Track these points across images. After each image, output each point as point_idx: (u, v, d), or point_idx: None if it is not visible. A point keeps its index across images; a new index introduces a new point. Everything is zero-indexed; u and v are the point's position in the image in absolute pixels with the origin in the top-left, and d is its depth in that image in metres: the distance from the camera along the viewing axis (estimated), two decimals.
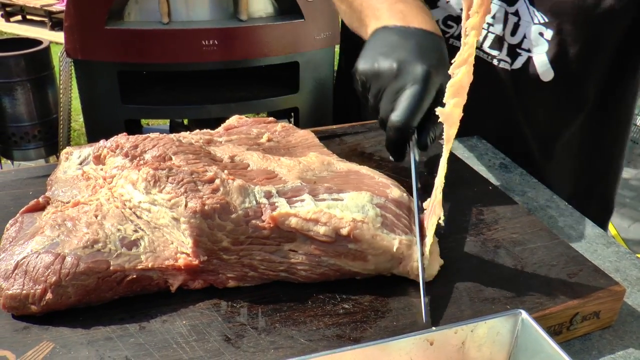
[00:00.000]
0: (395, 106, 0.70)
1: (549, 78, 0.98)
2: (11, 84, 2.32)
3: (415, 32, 0.76)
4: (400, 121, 0.69)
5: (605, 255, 0.76)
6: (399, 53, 0.73)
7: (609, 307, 0.63)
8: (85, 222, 0.62)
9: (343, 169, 0.74)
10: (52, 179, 0.74)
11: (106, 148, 0.72)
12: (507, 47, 1.00)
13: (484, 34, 1.02)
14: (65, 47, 2.04)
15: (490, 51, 1.02)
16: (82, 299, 0.57)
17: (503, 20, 0.99)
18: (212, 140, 0.78)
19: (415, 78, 0.70)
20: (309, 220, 0.61)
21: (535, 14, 0.95)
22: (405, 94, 0.70)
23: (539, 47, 0.96)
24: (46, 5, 5.57)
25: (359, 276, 0.63)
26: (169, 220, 0.62)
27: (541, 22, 0.95)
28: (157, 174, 0.64)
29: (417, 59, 0.72)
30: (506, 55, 1.01)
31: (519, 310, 0.53)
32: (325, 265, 0.62)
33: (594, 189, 1.15)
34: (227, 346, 0.53)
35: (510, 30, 0.99)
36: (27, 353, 0.51)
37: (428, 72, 0.70)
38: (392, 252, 0.62)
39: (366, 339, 0.55)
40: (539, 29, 0.95)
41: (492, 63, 1.03)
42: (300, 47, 2.04)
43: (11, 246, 0.60)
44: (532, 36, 0.96)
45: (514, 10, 0.97)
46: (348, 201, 0.64)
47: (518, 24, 0.97)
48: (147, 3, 2.06)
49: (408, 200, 0.69)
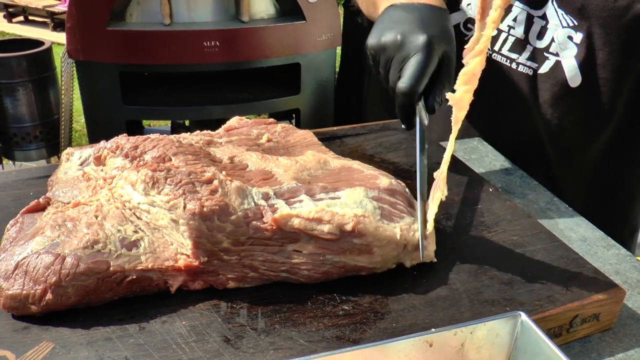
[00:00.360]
0: (401, 74, 0.76)
1: (576, 83, 0.96)
2: (13, 85, 2.33)
3: (419, 7, 0.82)
4: (407, 87, 0.74)
5: (605, 257, 0.76)
6: (402, 26, 0.79)
7: (609, 309, 0.63)
8: (86, 222, 0.62)
9: (337, 166, 0.75)
10: (53, 180, 0.74)
11: (106, 149, 0.72)
12: (531, 50, 0.99)
13: (503, 37, 1.02)
14: (67, 48, 2.05)
15: (509, 54, 1.02)
16: (82, 300, 0.57)
17: (525, 24, 0.99)
18: (212, 141, 0.78)
19: (417, 47, 0.76)
20: (312, 220, 0.62)
21: (564, 17, 0.94)
22: (409, 62, 0.76)
23: (568, 50, 0.95)
24: (48, 6, 5.58)
25: (364, 271, 0.63)
26: (168, 221, 0.62)
27: (570, 25, 0.94)
28: (156, 176, 0.64)
29: (419, 30, 0.77)
30: (527, 59, 1.00)
31: (518, 312, 0.53)
32: (330, 263, 0.62)
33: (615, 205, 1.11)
34: (227, 347, 0.53)
35: (536, 33, 0.98)
36: (27, 353, 0.51)
37: (430, 41, 0.76)
38: (396, 240, 0.63)
39: (365, 340, 0.55)
40: (567, 32, 0.94)
41: (511, 67, 1.02)
42: (302, 48, 2.04)
43: (11, 246, 0.60)
44: (561, 39, 0.95)
45: (542, 14, 0.96)
46: (345, 198, 0.65)
47: (545, 28, 0.96)
48: (148, 4, 2.06)
49: (397, 185, 0.71)
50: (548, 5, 0.95)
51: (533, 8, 0.97)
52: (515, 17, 0.99)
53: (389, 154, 0.92)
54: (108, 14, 1.99)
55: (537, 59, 0.99)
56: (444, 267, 0.66)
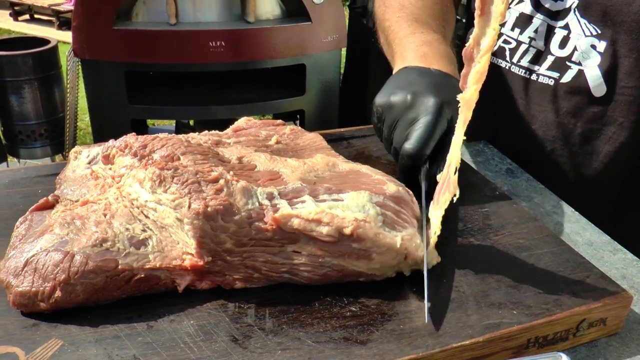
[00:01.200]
0: (408, 135, 0.76)
1: (601, 93, 0.95)
2: (19, 83, 2.33)
3: (434, 72, 0.82)
4: (414, 149, 0.74)
5: (612, 262, 0.76)
6: (414, 87, 0.78)
7: (616, 314, 0.63)
8: (94, 221, 0.62)
9: (345, 169, 0.75)
10: (61, 178, 0.75)
11: (115, 147, 0.73)
12: (553, 60, 0.98)
13: (524, 48, 1.02)
14: (73, 46, 2.05)
15: (529, 65, 1.01)
16: (91, 298, 0.57)
17: (545, 35, 0.98)
18: (221, 142, 0.78)
19: (427, 109, 0.75)
20: (311, 221, 0.61)
21: (587, 25, 0.93)
22: (418, 123, 0.75)
23: (591, 59, 0.94)
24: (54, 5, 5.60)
25: (362, 277, 0.63)
26: (174, 220, 0.62)
27: (593, 34, 0.93)
28: (163, 174, 0.64)
29: (430, 93, 0.77)
30: (547, 69, 0.99)
31: (559, 353, 0.53)
32: (328, 265, 0.62)
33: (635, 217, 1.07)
34: (235, 347, 0.54)
35: (557, 43, 0.97)
36: (36, 350, 0.52)
37: (440, 104, 0.76)
38: (397, 249, 0.62)
39: (373, 341, 0.55)
40: (591, 41, 0.93)
41: (530, 78, 1.01)
42: (307, 49, 2.05)
43: (21, 244, 0.60)
44: (584, 48, 0.94)
45: (564, 24, 0.96)
46: (348, 201, 0.64)
47: (568, 37, 0.96)
48: (154, 4, 2.07)
49: (405, 193, 0.70)
50: (570, 16, 0.95)
51: (554, 19, 0.97)
52: (536, 28, 0.99)
53: None
54: (114, 13, 2.00)
55: (558, 69, 0.98)
56: (451, 269, 0.66)
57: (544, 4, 0.98)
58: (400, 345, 0.55)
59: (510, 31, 1.03)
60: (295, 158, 0.75)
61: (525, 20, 1.01)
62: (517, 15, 1.02)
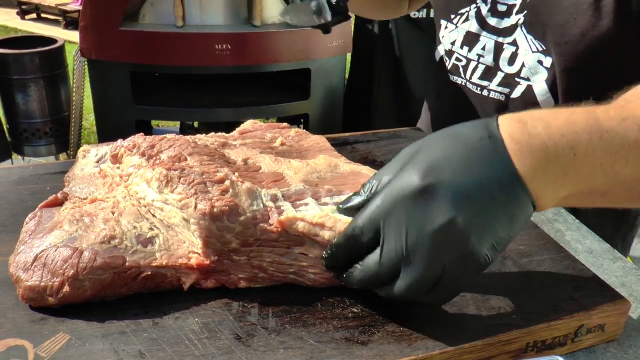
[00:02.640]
0: None
1: (549, 107, 0.97)
2: (25, 81, 2.35)
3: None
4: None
5: (611, 270, 0.77)
6: None
7: (614, 320, 0.64)
8: (103, 218, 0.63)
9: (346, 170, 0.76)
10: (70, 176, 0.76)
11: (123, 147, 0.74)
12: (502, 76, 1.00)
13: (473, 65, 1.04)
14: (80, 46, 2.07)
15: (480, 82, 1.03)
16: (98, 293, 0.58)
17: (494, 51, 1.00)
18: (227, 143, 0.79)
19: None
20: (315, 225, 0.62)
21: (533, 42, 0.95)
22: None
23: (538, 75, 0.96)
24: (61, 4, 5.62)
25: None
26: (180, 220, 0.63)
27: (539, 50, 0.95)
28: (170, 174, 0.65)
29: None
30: (498, 85, 1.01)
31: (557, 358, 0.55)
32: None
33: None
34: (238, 344, 0.55)
35: (506, 60, 0.99)
36: (44, 343, 0.53)
37: None
38: None
39: (373, 342, 0.56)
40: (537, 57, 0.95)
41: (482, 94, 1.04)
42: (313, 54, 2.06)
43: (30, 239, 0.61)
44: (531, 64, 0.96)
45: (512, 40, 0.98)
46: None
47: (516, 53, 0.98)
48: (162, 6, 2.09)
49: None
50: (517, 32, 0.97)
51: (502, 36, 0.99)
52: (484, 46, 1.01)
53: None
54: (121, 14, 2.02)
55: (508, 85, 1.00)
56: None
57: (489, 22, 1.00)
58: (400, 347, 0.56)
59: (460, 49, 1.06)
60: (299, 159, 0.76)
61: (473, 38, 1.03)
62: (464, 34, 1.04)
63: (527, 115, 0.56)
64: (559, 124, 0.54)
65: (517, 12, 0.96)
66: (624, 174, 0.55)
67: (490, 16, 0.99)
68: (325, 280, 0.63)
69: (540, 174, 0.53)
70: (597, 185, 0.56)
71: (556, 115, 0.55)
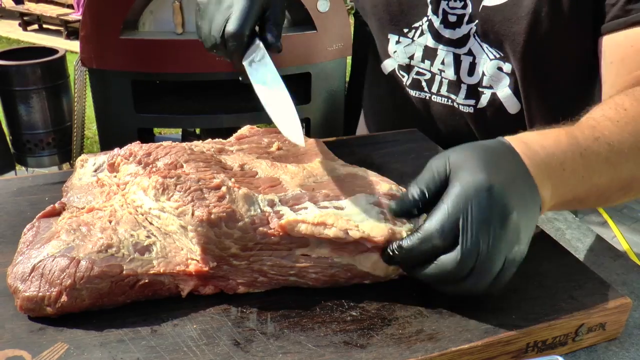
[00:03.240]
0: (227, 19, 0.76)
1: (516, 110, 0.98)
2: (27, 92, 2.36)
3: None
4: (234, 28, 0.76)
5: (612, 268, 0.76)
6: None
7: (615, 319, 0.64)
8: (100, 227, 0.63)
9: (342, 173, 0.76)
10: (68, 186, 0.76)
11: (120, 156, 0.74)
12: (466, 89, 1.00)
13: (438, 80, 1.03)
14: (81, 56, 2.08)
15: (448, 94, 1.03)
16: (96, 302, 0.58)
17: (454, 64, 1.00)
18: (224, 149, 0.79)
19: None
20: (317, 225, 0.63)
21: (489, 50, 0.96)
22: (233, 6, 0.76)
23: (501, 82, 0.96)
24: (62, 15, 5.66)
25: (368, 279, 0.64)
26: (177, 227, 0.63)
27: (497, 57, 0.95)
28: (166, 182, 0.66)
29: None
30: (464, 98, 1.01)
31: (558, 357, 0.56)
32: (337, 266, 0.63)
33: None
34: (237, 350, 0.54)
35: (466, 70, 0.99)
36: (42, 353, 0.53)
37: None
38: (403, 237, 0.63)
39: (372, 345, 0.56)
40: (497, 64, 0.96)
41: (453, 106, 1.03)
42: (313, 58, 2.06)
43: (28, 250, 0.61)
44: (491, 72, 0.96)
45: (467, 51, 0.98)
46: (349, 208, 0.65)
47: (474, 63, 0.98)
48: (161, 14, 2.09)
49: (398, 190, 0.71)
50: (471, 41, 0.96)
51: (457, 47, 0.98)
52: (443, 59, 1.01)
53: (396, 163, 0.93)
54: (121, 23, 2.02)
55: (473, 96, 1.00)
56: None
57: (443, 35, 0.99)
58: (399, 349, 0.55)
59: (422, 63, 1.05)
60: (295, 164, 0.76)
61: (431, 52, 1.02)
62: (423, 48, 1.03)
63: (525, 136, 0.65)
64: (550, 143, 0.64)
65: (468, 22, 0.96)
66: (598, 184, 0.66)
67: (443, 28, 0.99)
68: (328, 279, 0.63)
69: (544, 185, 0.61)
70: (578, 194, 0.66)
71: (545, 136, 0.65)
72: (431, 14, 0.99)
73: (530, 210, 0.59)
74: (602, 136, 0.66)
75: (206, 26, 0.81)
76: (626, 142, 0.67)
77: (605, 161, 0.65)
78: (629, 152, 0.67)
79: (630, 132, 0.68)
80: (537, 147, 0.63)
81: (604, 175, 0.66)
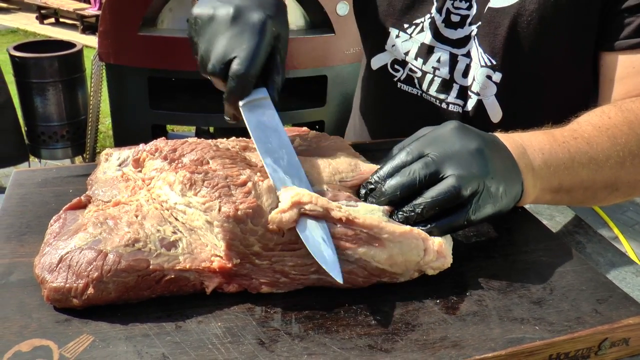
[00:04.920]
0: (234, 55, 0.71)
1: (498, 119, 0.98)
2: (44, 85, 2.38)
3: None
4: (241, 69, 0.71)
5: (634, 283, 0.76)
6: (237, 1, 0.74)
7: (639, 335, 0.63)
8: (126, 221, 0.63)
9: (366, 169, 0.76)
10: (92, 179, 0.76)
11: (145, 152, 0.74)
12: (458, 89, 1.00)
13: (429, 78, 1.02)
14: (99, 51, 2.09)
15: (437, 95, 1.02)
16: (122, 296, 0.58)
17: (449, 63, 0.99)
18: (248, 147, 0.79)
19: (253, 26, 0.72)
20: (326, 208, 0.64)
21: (483, 55, 0.95)
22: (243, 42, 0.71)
23: (488, 89, 0.96)
24: (79, 9, 5.69)
25: (385, 277, 0.64)
26: (203, 222, 0.63)
27: (488, 65, 0.95)
28: (194, 178, 0.66)
29: (255, 8, 0.73)
30: (455, 97, 1.00)
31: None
32: (353, 261, 0.63)
33: None
34: (262, 349, 0.54)
35: (461, 72, 0.98)
36: (68, 344, 0.53)
37: (264, 20, 0.73)
38: (412, 234, 0.64)
39: (397, 350, 0.56)
40: (486, 71, 0.95)
41: (441, 106, 1.02)
42: (330, 61, 2.07)
43: (55, 241, 0.62)
44: (480, 79, 0.96)
45: (466, 52, 0.97)
46: (361, 208, 0.66)
47: (469, 66, 0.97)
48: (180, 11, 2.10)
49: None
50: (471, 43, 0.96)
51: (456, 47, 0.98)
52: (439, 58, 1.00)
53: None
54: (140, 20, 2.04)
55: (463, 97, 1.00)
56: (474, 283, 0.67)
57: (443, 34, 0.98)
58: (424, 355, 0.55)
59: (414, 60, 1.03)
60: (320, 158, 0.76)
61: (427, 50, 1.01)
62: (418, 45, 1.02)
63: (515, 135, 0.74)
64: (527, 135, 0.75)
65: (471, 23, 0.95)
66: (582, 176, 0.73)
67: (444, 27, 0.98)
68: (346, 276, 0.63)
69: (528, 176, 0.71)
70: (563, 182, 0.73)
71: (531, 137, 0.74)
72: (434, 12, 0.98)
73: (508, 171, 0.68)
74: (581, 137, 0.74)
75: (204, 46, 0.75)
76: (604, 143, 0.74)
77: (585, 154, 0.73)
78: (609, 152, 0.74)
79: (610, 135, 0.75)
80: (515, 136, 0.73)
81: (586, 167, 0.73)
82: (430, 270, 0.66)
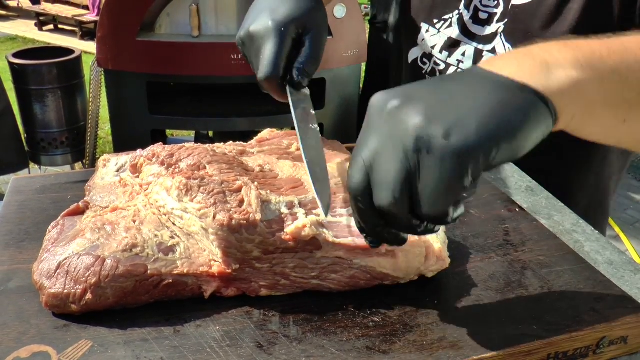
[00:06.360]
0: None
1: None
2: (43, 91, 2.38)
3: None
4: (264, 75, 0.75)
5: (633, 282, 0.76)
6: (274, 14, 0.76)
7: (637, 332, 0.63)
8: (124, 226, 0.64)
9: None
10: (90, 185, 0.77)
11: (143, 157, 0.74)
12: None
13: (453, 70, 1.05)
14: (97, 57, 2.09)
15: None
16: (120, 301, 0.59)
17: (474, 58, 1.01)
18: (245, 151, 0.80)
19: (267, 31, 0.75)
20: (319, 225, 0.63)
21: (510, 50, 0.96)
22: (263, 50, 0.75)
23: None
24: (77, 16, 5.70)
25: (388, 280, 0.64)
26: (199, 229, 0.64)
27: None
28: (190, 183, 0.66)
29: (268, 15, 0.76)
30: None
31: None
32: (357, 267, 0.63)
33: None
34: (260, 353, 0.55)
35: None
36: (67, 350, 0.53)
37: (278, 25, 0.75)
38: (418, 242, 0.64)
39: (395, 351, 0.56)
40: None
41: None
42: (328, 63, 2.07)
43: (53, 247, 0.62)
44: None
45: (491, 48, 0.99)
46: None
47: None
48: (178, 16, 2.10)
49: None
50: (497, 40, 0.97)
51: (482, 43, 1.00)
52: (464, 52, 1.02)
53: None
54: (138, 25, 2.04)
55: None
56: (472, 284, 0.67)
57: (470, 30, 1.01)
58: (422, 356, 0.55)
59: (439, 54, 1.07)
60: None
61: (453, 44, 1.04)
62: (445, 39, 1.05)
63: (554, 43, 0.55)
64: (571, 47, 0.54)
65: (498, 20, 0.97)
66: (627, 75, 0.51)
67: (472, 23, 1.00)
68: (348, 281, 0.63)
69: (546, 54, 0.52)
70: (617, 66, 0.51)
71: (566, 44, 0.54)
72: (462, 8, 1.01)
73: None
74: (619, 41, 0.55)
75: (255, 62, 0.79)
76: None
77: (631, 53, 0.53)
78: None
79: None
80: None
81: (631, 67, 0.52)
82: (429, 273, 0.66)
